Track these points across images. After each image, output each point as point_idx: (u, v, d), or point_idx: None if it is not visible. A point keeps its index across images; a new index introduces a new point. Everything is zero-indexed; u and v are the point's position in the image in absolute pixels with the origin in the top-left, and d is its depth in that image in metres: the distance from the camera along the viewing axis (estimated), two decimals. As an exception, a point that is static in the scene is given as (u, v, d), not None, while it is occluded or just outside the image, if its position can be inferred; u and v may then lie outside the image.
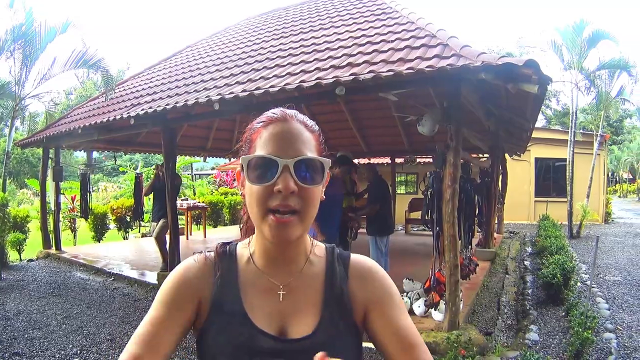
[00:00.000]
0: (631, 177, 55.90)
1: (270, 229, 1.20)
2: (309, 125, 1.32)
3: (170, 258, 9.19)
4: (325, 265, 1.39)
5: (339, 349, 1.25)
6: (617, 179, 59.27)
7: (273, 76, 7.30)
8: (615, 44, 17.11)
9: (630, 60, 17.04)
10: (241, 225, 1.48)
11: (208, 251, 1.39)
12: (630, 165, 50.04)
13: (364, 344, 1.38)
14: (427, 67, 5.65)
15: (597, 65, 17.63)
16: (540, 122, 44.67)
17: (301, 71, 7.04)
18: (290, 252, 1.33)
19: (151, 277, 9.63)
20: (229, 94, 7.05)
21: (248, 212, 1.30)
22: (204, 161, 19.32)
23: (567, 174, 17.83)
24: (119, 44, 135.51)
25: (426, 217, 7.24)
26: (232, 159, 20.95)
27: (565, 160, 18.59)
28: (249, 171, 1.22)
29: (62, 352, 5.99)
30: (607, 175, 31.71)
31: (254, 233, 1.37)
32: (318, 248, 1.43)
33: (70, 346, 6.21)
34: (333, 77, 6.13)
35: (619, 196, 51.78)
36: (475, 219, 9.90)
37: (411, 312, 6.97)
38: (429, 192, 7.07)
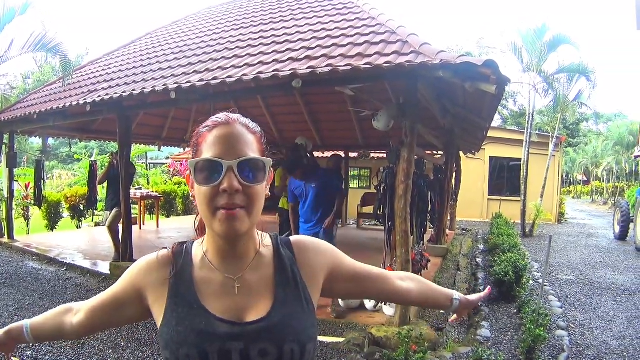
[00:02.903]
0: (585, 179, 57.20)
1: (221, 223, 1.28)
2: (251, 127, 1.40)
3: (123, 248, 9.09)
4: (273, 252, 1.49)
5: (295, 328, 1.36)
6: (572, 181, 60.47)
7: (231, 67, 7.24)
8: (576, 49, 17.42)
9: (589, 66, 17.37)
10: (196, 224, 1.54)
11: (168, 248, 1.49)
12: (585, 167, 51.18)
13: (321, 338, 1.44)
14: (385, 63, 5.67)
15: (556, 69, 17.97)
16: (496, 122, 45.33)
17: (259, 62, 6.99)
18: (241, 247, 1.41)
19: (104, 267, 9.49)
20: (186, 83, 6.97)
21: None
22: (159, 150, 19.15)
23: (522, 173, 18.09)
24: (79, 28, 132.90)
25: (378, 212, 7.28)
26: (187, 149, 20.83)
27: (519, 160, 18.87)
28: (197, 174, 1.30)
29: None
30: (562, 176, 32.29)
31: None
32: (266, 239, 1.52)
33: (23, 339, 6.04)
34: (290, 70, 6.11)
35: (573, 197, 52.82)
36: (428, 215, 9.99)
37: (362, 306, 7.01)
38: (381, 187, 7.11)
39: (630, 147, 36.05)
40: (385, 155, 7.75)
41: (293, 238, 1.57)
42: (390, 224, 6.89)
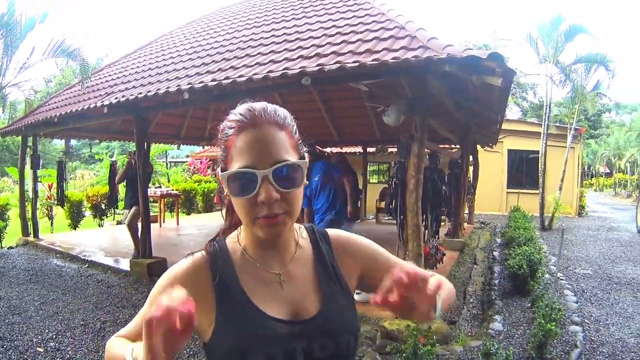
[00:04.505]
0: (608, 171, 56.23)
1: (262, 230, 1.23)
2: (280, 122, 1.29)
3: (142, 245, 9.25)
4: (311, 246, 1.46)
5: (347, 320, 1.37)
6: (594, 173, 59.68)
7: (242, 66, 7.33)
8: (592, 38, 17.12)
9: (608, 55, 17.03)
10: (225, 213, 1.50)
11: (199, 251, 1.38)
12: (607, 159, 50.37)
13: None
14: (392, 58, 5.71)
15: (573, 59, 17.62)
16: (516, 114, 45.06)
17: (270, 61, 7.07)
18: (282, 242, 1.37)
19: (124, 264, 9.67)
20: (199, 83, 7.08)
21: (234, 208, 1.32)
22: (178, 149, 19.35)
23: (540, 166, 17.96)
24: (101, 31, 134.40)
25: (390, 206, 7.33)
26: (206, 147, 21.14)
27: (538, 152, 18.54)
28: (230, 184, 1.23)
29: (40, 337, 6.15)
30: (583, 168, 31.84)
31: (241, 224, 1.38)
32: (303, 232, 1.49)
33: (47, 331, 6.36)
34: (300, 68, 6.17)
35: (595, 190, 52.01)
36: (443, 209, 9.98)
37: (376, 300, 7.07)
38: (393, 182, 7.17)
39: (657, 137, 35.57)
40: (399, 150, 7.79)
41: (331, 232, 1.54)
42: (402, 218, 6.94)
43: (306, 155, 1.34)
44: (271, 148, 1.23)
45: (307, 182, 1.30)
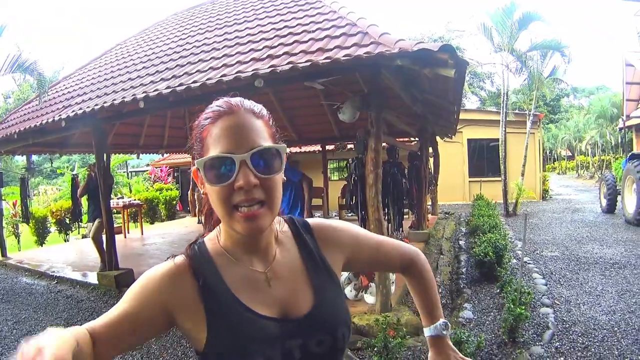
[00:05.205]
0: (570, 154, 57.06)
1: (240, 224, 1.20)
2: (257, 111, 1.29)
3: (107, 257, 9.17)
4: (293, 239, 1.44)
5: (340, 312, 1.36)
6: (556, 157, 60.55)
7: (196, 71, 7.30)
8: (547, 25, 17.38)
9: (563, 41, 17.25)
10: (204, 219, 1.46)
11: (179, 254, 1.31)
12: (568, 142, 50.98)
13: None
14: (344, 56, 5.72)
15: (528, 47, 17.84)
16: (474, 103, 45.47)
17: (223, 65, 7.04)
18: (263, 239, 1.33)
19: (92, 278, 9.58)
20: (154, 91, 7.00)
21: (212, 208, 1.29)
22: (138, 158, 19.26)
23: (500, 153, 18.17)
24: (55, 42, 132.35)
25: (351, 203, 7.38)
26: (165, 155, 21.07)
27: (498, 140, 18.84)
28: (206, 172, 1.20)
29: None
30: (545, 153, 32.19)
31: (219, 224, 1.36)
32: (283, 225, 1.46)
33: (22, 351, 6.37)
34: (253, 70, 6.16)
35: (559, 173, 52.91)
36: (405, 201, 10.01)
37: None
38: (352, 178, 7.21)
39: (615, 119, 35.96)
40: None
41: (312, 222, 1.51)
42: (363, 213, 6.97)
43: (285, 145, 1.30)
44: (248, 134, 1.21)
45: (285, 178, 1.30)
